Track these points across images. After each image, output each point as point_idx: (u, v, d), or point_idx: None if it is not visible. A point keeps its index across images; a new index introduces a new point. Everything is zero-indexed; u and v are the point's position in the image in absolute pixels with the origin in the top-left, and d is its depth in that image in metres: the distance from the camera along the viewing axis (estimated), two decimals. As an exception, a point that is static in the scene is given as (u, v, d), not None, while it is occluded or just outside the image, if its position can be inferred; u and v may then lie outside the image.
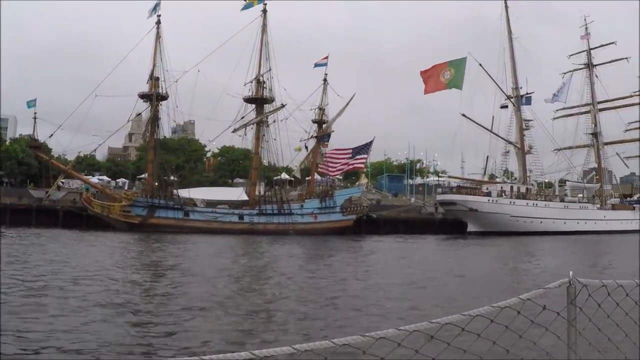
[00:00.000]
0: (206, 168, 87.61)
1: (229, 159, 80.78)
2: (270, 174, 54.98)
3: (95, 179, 66.95)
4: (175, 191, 50.44)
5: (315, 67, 55.38)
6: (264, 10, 52.77)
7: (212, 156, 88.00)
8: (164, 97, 50.35)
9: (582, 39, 69.02)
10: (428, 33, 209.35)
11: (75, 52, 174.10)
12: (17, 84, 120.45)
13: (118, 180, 75.83)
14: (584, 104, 69.21)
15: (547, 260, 30.21)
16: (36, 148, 51.06)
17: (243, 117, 51.53)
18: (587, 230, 58.75)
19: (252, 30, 51.85)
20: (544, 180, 70.06)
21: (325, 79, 55.21)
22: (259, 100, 52.29)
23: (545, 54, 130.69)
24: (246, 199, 52.56)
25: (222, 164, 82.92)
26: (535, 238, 49.71)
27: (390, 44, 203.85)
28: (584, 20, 68.43)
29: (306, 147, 54.79)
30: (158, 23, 50.70)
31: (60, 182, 53.52)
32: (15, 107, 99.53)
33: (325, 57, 55.42)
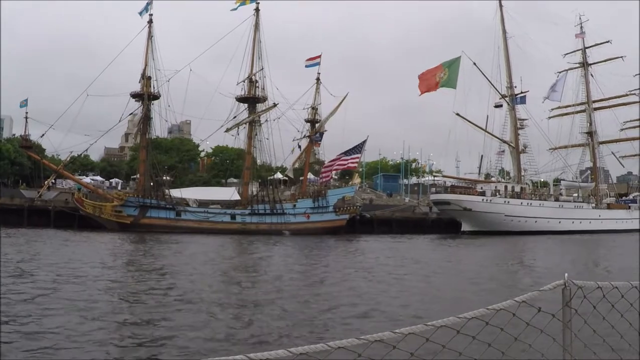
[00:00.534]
0: (200, 168, 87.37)
1: (222, 159, 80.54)
2: (264, 174, 54.79)
3: (88, 179, 66.75)
4: (167, 191, 50.28)
5: (307, 66, 55.10)
6: (257, 9, 52.72)
7: (205, 156, 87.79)
8: (156, 97, 50.19)
9: (577, 37, 68.86)
10: (418, 31, 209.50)
11: (69, 51, 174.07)
12: (12, 83, 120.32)
13: (111, 180, 75.66)
14: (579, 102, 69.03)
15: (541, 260, 30.03)
16: (27, 148, 50.77)
17: (235, 117, 51.46)
18: (582, 229, 58.61)
19: (245, 30, 51.79)
20: (539, 179, 69.87)
21: (318, 78, 55.11)
22: (251, 100, 52.14)
23: (539, 52, 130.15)
24: (238, 198, 52.41)
25: (215, 163, 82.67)
26: (529, 238, 49.51)
27: (383, 43, 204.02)
28: (579, 18, 68.34)
29: (299, 147, 54.69)
30: (150, 22, 50.52)
31: (51, 182, 53.31)
32: (10, 107, 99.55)
33: (318, 56, 55.17)
